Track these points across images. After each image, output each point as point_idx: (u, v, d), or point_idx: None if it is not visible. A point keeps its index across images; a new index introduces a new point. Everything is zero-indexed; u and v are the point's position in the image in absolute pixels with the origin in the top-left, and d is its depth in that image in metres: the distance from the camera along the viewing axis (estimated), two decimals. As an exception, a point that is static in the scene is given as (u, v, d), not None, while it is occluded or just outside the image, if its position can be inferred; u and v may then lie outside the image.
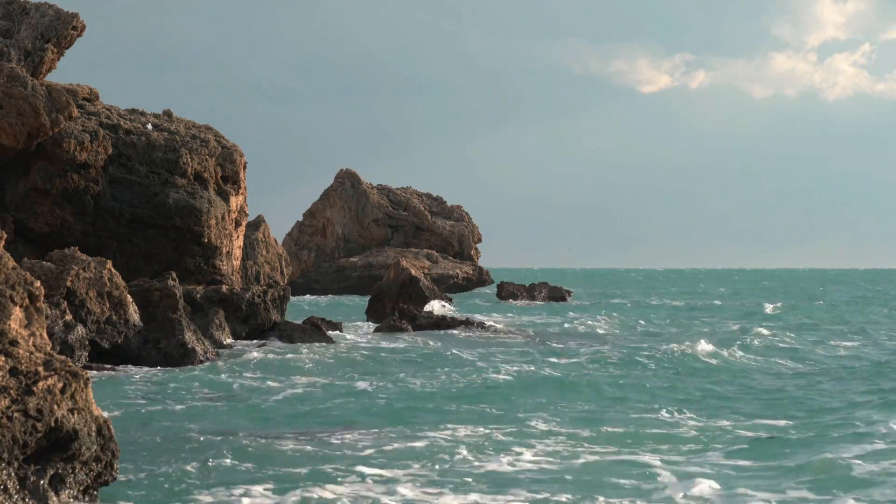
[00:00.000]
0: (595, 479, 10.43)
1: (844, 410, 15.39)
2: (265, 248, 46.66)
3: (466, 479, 10.38)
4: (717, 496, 9.75)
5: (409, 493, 9.83)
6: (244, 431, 13.04)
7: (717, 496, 9.75)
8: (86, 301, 20.43)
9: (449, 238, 75.97)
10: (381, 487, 10.04)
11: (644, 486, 10.14)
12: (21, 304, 6.89)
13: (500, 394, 16.82)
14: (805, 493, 9.99)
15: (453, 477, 10.49)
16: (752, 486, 10.10)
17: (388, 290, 36.84)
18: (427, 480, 10.36)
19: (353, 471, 10.65)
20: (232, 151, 29.60)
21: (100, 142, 27.09)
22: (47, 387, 6.53)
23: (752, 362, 22.92)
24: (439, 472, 10.74)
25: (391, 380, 18.61)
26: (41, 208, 26.83)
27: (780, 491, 10.03)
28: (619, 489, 10.06)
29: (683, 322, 38.48)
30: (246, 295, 25.79)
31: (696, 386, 18.48)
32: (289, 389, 17.07)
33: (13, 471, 6.28)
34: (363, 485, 10.14)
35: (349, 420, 14.15)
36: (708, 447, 12.20)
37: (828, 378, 19.91)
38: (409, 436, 12.76)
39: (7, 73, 25.46)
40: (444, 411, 14.90)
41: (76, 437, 6.60)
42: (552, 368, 20.64)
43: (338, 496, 9.65)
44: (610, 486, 10.18)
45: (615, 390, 17.49)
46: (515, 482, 10.31)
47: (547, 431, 13.19)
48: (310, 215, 79.43)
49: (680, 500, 9.64)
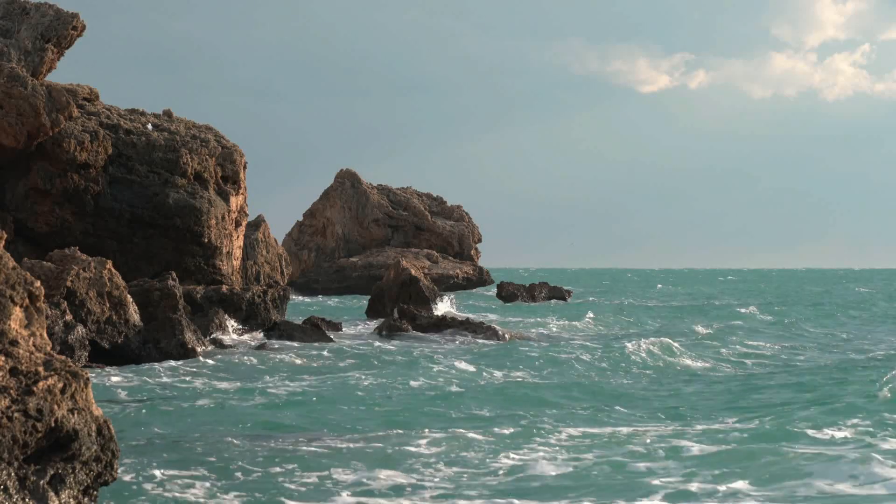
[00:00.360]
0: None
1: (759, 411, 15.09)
2: (265, 248, 46.66)
3: (464, 480, 10.40)
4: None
5: (409, 495, 9.83)
6: (244, 431, 13.03)
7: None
8: (86, 301, 20.44)
9: (449, 238, 76.00)
10: (381, 489, 10.04)
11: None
12: (21, 304, 6.89)
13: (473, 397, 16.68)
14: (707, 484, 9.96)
15: (454, 479, 10.49)
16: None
17: (389, 290, 36.84)
18: (425, 483, 10.35)
19: (355, 470, 10.65)
20: (232, 151, 29.61)
21: (100, 142, 27.09)
22: (47, 387, 6.52)
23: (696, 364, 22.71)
24: (441, 473, 10.73)
25: (390, 380, 18.61)
26: (41, 208, 26.83)
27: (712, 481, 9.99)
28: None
29: (677, 320, 38.48)
30: (246, 295, 25.79)
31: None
32: (289, 389, 17.06)
33: (13, 471, 6.28)
34: (363, 486, 10.13)
35: (349, 419, 14.14)
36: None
37: (762, 379, 19.48)
38: (407, 436, 12.75)
39: (7, 73, 25.46)
40: (443, 411, 14.89)
41: (76, 438, 6.60)
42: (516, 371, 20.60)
43: (339, 496, 9.65)
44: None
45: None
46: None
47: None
48: (310, 215, 79.44)
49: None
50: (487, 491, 9.94)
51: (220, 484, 10.04)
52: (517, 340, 28.47)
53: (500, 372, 20.02)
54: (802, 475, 10.26)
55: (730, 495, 9.68)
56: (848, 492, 9.75)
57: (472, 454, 11.57)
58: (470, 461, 11.25)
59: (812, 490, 9.82)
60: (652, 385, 18.65)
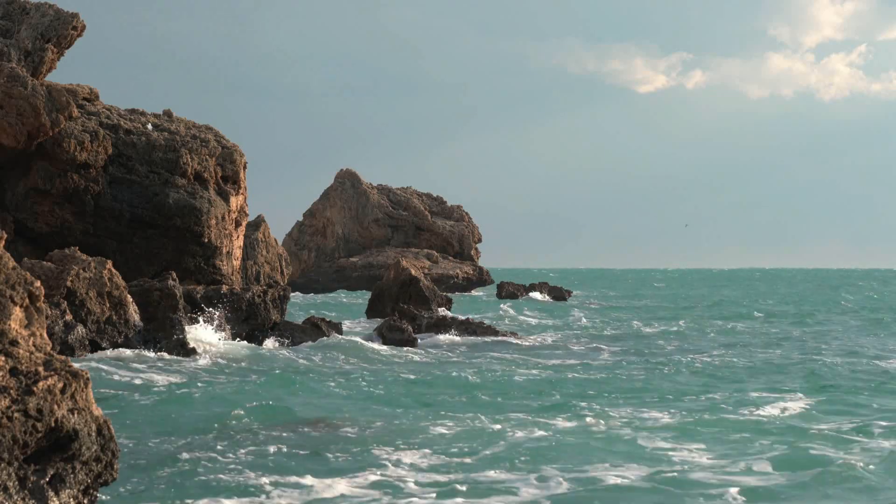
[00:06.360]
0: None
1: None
2: (265, 248, 46.66)
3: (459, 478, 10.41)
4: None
5: (408, 498, 9.83)
6: (242, 431, 13.03)
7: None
8: (86, 301, 20.43)
9: (449, 238, 75.97)
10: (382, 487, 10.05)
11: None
12: (21, 304, 6.89)
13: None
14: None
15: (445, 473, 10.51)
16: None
17: (389, 290, 36.83)
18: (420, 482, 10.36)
19: (354, 471, 10.66)
20: (232, 151, 29.61)
21: (100, 142, 27.09)
22: (47, 387, 6.52)
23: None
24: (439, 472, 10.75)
25: (390, 379, 18.62)
26: (41, 208, 26.83)
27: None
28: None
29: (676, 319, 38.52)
30: (246, 295, 25.77)
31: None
32: (288, 389, 17.07)
33: (13, 471, 6.28)
34: (363, 488, 10.13)
35: (348, 419, 14.15)
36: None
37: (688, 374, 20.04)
38: (406, 437, 12.76)
39: (7, 73, 25.45)
40: (441, 412, 14.90)
41: (76, 438, 6.60)
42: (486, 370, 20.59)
43: (340, 495, 9.66)
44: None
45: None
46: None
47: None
48: (310, 215, 79.41)
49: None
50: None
51: (218, 484, 10.05)
52: (509, 341, 28.47)
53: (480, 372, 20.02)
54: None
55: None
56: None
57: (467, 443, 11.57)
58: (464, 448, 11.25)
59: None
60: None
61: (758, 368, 21.55)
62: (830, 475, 10.53)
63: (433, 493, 9.82)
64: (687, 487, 10.10)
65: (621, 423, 13.81)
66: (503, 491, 9.96)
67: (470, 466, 10.94)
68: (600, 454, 11.68)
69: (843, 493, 9.97)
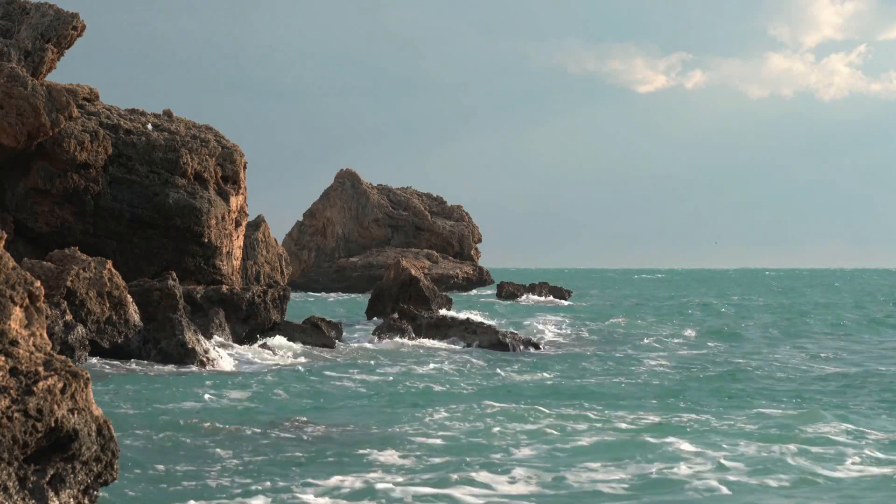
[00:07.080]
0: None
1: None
2: (265, 248, 46.67)
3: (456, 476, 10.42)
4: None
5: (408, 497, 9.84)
6: (241, 431, 13.04)
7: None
8: (86, 301, 20.43)
9: (449, 238, 75.98)
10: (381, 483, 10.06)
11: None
12: (21, 304, 6.89)
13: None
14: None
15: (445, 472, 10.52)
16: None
17: (389, 290, 36.82)
18: (420, 480, 10.37)
19: (355, 469, 10.66)
20: (232, 151, 29.60)
21: (100, 142, 27.09)
22: (47, 387, 6.52)
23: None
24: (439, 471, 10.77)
25: (389, 379, 18.63)
26: (41, 208, 26.83)
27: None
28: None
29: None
30: (246, 295, 25.77)
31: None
32: (288, 389, 17.07)
33: (13, 471, 6.28)
34: (354, 491, 10.14)
35: (348, 419, 14.16)
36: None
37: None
38: (404, 437, 12.76)
39: (7, 73, 25.46)
40: (435, 414, 14.91)
41: (76, 438, 6.60)
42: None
43: (341, 495, 9.67)
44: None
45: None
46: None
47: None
48: (310, 215, 79.41)
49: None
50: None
51: (219, 484, 10.06)
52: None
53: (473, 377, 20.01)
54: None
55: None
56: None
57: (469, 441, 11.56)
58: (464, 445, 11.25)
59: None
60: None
61: (748, 374, 21.55)
62: (815, 479, 10.53)
63: (427, 493, 9.83)
64: (670, 486, 10.12)
65: (609, 425, 13.82)
66: (495, 493, 9.97)
67: (462, 468, 10.95)
68: (594, 455, 11.70)
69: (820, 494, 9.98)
